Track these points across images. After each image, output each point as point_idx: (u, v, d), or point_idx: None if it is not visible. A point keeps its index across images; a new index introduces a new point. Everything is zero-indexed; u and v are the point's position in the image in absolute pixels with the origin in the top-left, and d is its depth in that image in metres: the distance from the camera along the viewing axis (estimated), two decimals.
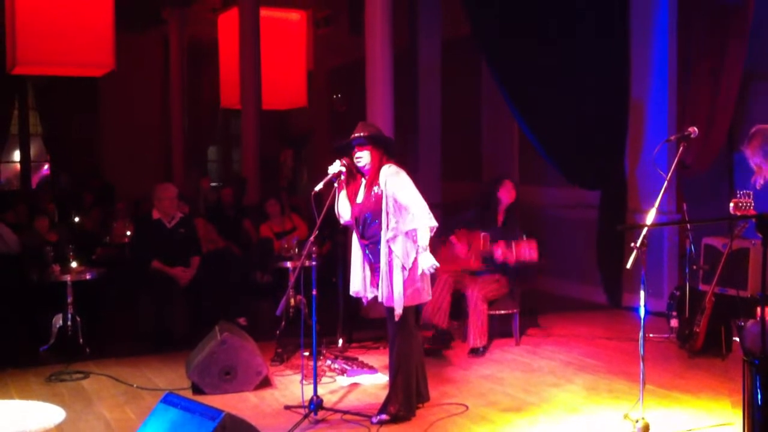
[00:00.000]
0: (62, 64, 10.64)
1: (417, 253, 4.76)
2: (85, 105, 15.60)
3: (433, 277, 5.02)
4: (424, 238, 4.74)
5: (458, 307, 6.56)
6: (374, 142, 4.86)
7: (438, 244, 6.73)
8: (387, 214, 4.77)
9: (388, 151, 4.92)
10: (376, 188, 4.83)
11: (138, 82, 15.21)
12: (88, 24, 10.32)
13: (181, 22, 15.07)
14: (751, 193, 4.44)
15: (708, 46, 7.94)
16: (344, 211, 4.98)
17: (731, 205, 4.46)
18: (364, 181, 4.93)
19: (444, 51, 10.56)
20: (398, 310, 4.75)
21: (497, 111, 10.11)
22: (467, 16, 8.31)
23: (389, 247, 4.77)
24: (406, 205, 4.77)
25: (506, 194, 6.74)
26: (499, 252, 6.42)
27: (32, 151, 16.13)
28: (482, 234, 6.62)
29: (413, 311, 4.94)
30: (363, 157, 4.87)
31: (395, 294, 4.75)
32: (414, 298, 4.84)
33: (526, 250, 6.32)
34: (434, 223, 4.77)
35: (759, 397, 3.45)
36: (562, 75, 8.16)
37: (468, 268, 6.64)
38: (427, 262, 4.76)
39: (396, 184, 4.79)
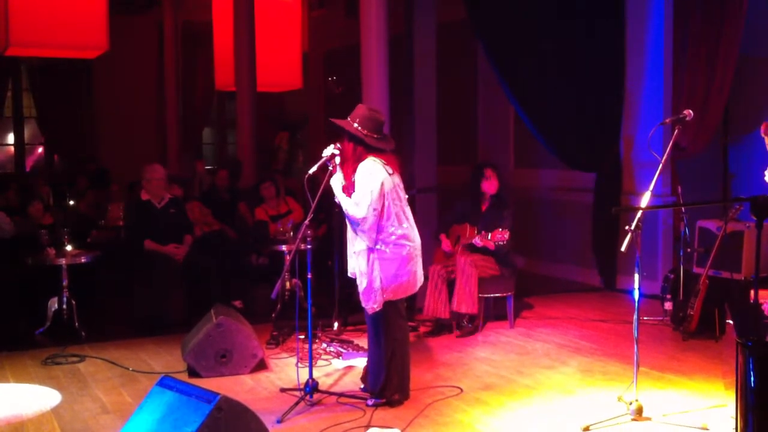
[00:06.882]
0: (56, 45, 10.56)
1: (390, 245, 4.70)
2: (80, 87, 15.53)
3: (426, 273, 5.01)
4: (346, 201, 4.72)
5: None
6: (348, 136, 4.75)
7: (433, 244, 6.82)
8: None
9: (365, 145, 4.74)
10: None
11: (132, 63, 15.11)
12: (81, 5, 10.24)
13: (176, 3, 14.97)
14: None
15: (703, 30, 7.92)
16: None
17: (762, 127, 4.23)
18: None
19: (439, 34, 10.50)
20: (369, 305, 4.74)
21: (493, 94, 10.09)
22: (463, 1, 8.28)
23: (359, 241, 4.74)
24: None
25: (489, 186, 6.77)
26: (477, 240, 6.47)
27: (26, 134, 16.05)
28: (468, 226, 6.69)
29: (394, 306, 4.84)
30: (340, 146, 4.81)
31: (365, 289, 4.73)
32: (397, 293, 4.79)
33: (498, 235, 6.35)
34: (360, 214, 4.64)
35: (752, 379, 3.46)
36: (558, 60, 8.15)
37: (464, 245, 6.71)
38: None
39: (359, 178, 4.69)
